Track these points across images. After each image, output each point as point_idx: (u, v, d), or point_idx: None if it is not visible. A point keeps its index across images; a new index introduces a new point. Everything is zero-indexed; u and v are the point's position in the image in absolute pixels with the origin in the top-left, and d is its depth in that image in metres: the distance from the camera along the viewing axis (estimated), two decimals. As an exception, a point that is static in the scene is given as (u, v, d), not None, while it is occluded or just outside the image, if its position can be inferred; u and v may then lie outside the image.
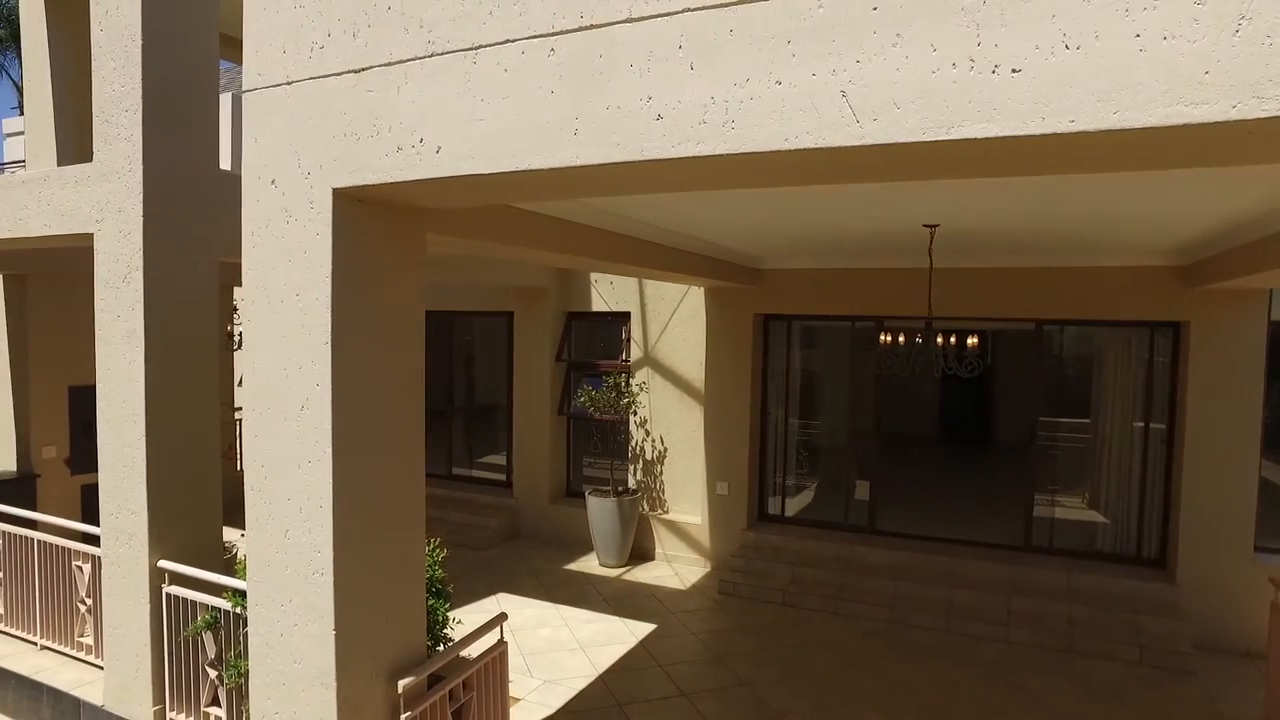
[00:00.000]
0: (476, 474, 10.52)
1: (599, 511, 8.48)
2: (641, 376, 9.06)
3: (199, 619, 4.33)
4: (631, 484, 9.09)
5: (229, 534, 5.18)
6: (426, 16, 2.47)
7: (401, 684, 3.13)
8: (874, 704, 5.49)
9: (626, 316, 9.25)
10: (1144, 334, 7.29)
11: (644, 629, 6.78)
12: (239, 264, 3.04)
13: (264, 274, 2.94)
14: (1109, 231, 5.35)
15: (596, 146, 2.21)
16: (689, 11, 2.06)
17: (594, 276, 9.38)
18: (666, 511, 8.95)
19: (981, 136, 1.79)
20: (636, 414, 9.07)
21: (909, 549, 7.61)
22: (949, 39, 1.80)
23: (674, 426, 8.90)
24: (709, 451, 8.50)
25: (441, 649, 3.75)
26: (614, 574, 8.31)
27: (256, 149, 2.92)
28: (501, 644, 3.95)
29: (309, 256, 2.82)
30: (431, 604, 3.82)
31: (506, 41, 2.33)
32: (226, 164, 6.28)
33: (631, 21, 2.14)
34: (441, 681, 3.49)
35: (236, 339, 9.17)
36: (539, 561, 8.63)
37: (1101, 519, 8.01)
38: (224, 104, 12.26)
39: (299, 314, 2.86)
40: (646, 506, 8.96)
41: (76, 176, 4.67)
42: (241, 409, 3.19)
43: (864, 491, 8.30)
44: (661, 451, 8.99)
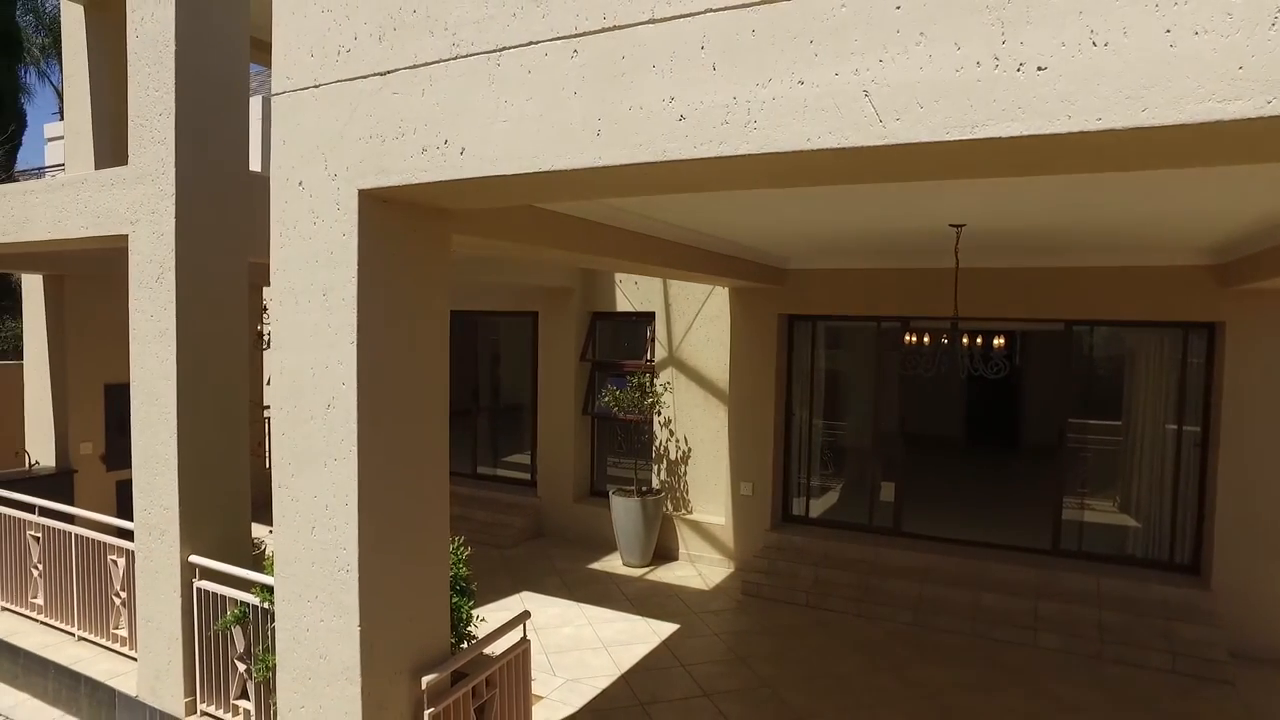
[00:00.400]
0: (501, 473, 10.60)
1: (623, 511, 8.50)
2: (666, 376, 9.06)
3: (228, 614, 4.40)
4: (655, 484, 9.09)
5: (258, 530, 5.27)
6: (451, 19, 2.49)
7: (425, 680, 3.17)
8: (897, 707, 5.45)
9: (651, 316, 9.25)
10: (1177, 335, 7.13)
11: (667, 629, 6.78)
12: (269, 264, 3.09)
13: (291, 274, 2.99)
14: (1140, 230, 5.25)
15: (619, 147, 2.22)
16: (711, 12, 2.06)
17: (618, 276, 9.39)
18: (690, 511, 8.94)
19: (1006, 135, 1.77)
20: (660, 414, 9.07)
21: (934, 551, 7.52)
22: (973, 37, 1.78)
23: (698, 426, 8.89)
24: (733, 452, 8.48)
25: (465, 646, 3.78)
26: (637, 574, 8.32)
27: (284, 151, 2.96)
28: (524, 642, 3.97)
29: (335, 257, 2.86)
30: (455, 601, 3.85)
31: (530, 43, 2.34)
32: (257, 165, 6.38)
33: (654, 22, 2.14)
34: (465, 678, 3.51)
35: (266, 338, 9.29)
36: (563, 560, 8.66)
37: (1133, 523, 7.86)
38: (255, 107, 12.45)
39: (325, 313, 2.90)
40: (670, 506, 8.95)
41: (112, 179, 4.78)
42: (270, 407, 3.24)
43: (889, 493, 8.23)
44: (685, 451, 8.98)
